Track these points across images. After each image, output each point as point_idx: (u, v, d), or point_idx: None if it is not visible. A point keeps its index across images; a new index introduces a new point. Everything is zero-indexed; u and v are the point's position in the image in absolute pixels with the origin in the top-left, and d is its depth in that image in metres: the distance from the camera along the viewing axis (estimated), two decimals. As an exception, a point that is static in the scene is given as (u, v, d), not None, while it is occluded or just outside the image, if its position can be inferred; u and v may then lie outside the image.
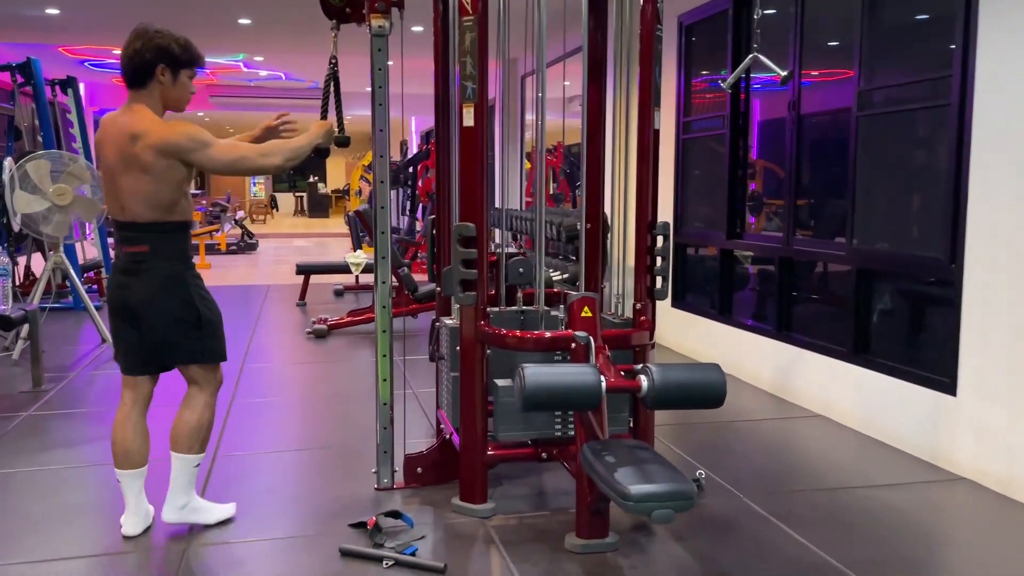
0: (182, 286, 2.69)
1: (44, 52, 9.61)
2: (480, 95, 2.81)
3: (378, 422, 3.19)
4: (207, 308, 2.76)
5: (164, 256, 2.67)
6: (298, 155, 2.82)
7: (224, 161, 2.68)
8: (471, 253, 2.82)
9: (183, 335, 2.72)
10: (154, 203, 2.62)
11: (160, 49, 2.62)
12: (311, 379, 5.26)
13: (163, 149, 2.57)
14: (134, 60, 2.62)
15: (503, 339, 2.81)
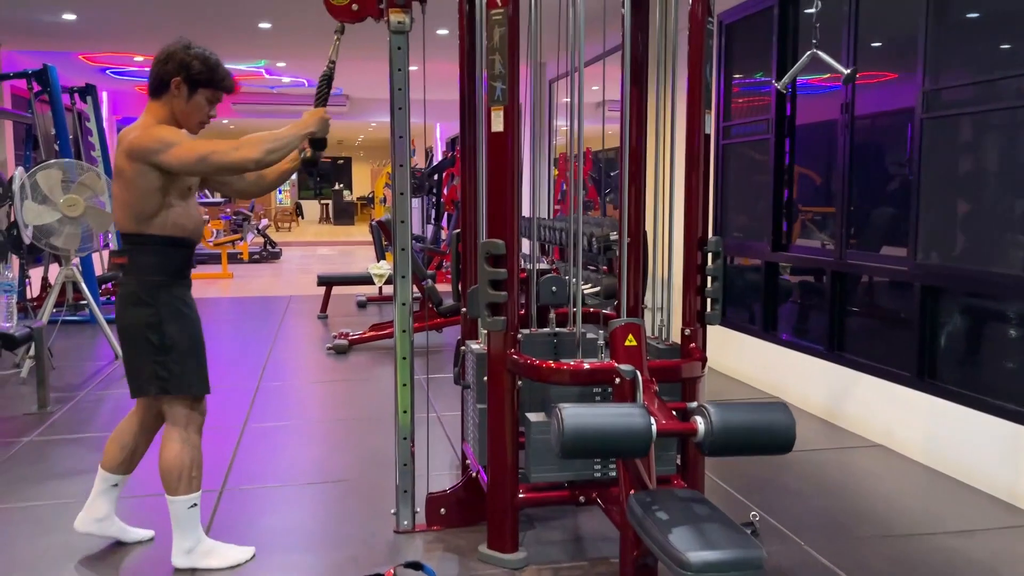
0: (150, 303, 2.46)
1: (65, 60, 9.48)
2: (510, 97, 2.52)
3: (397, 459, 2.90)
4: (178, 331, 2.50)
5: (138, 269, 2.48)
6: (282, 145, 2.51)
7: (189, 160, 2.43)
8: (500, 273, 2.52)
9: (148, 359, 2.49)
10: (130, 212, 2.46)
11: (181, 63, 2.50)
12: (330, 400, 4.98)
13: (131, 152, 2.43)
14: (155, 69, 2.53)
15: (536, 370, 2.50)
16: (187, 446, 2.55)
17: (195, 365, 2.55)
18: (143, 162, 2.43)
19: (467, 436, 3.07)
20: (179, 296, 2.53)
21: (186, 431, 2.57)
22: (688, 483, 2.68)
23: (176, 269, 2.54)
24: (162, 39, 2.54)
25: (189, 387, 2.55)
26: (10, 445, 3.91)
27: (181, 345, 2.51)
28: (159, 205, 2.46)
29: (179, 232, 2.53)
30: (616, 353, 2.41)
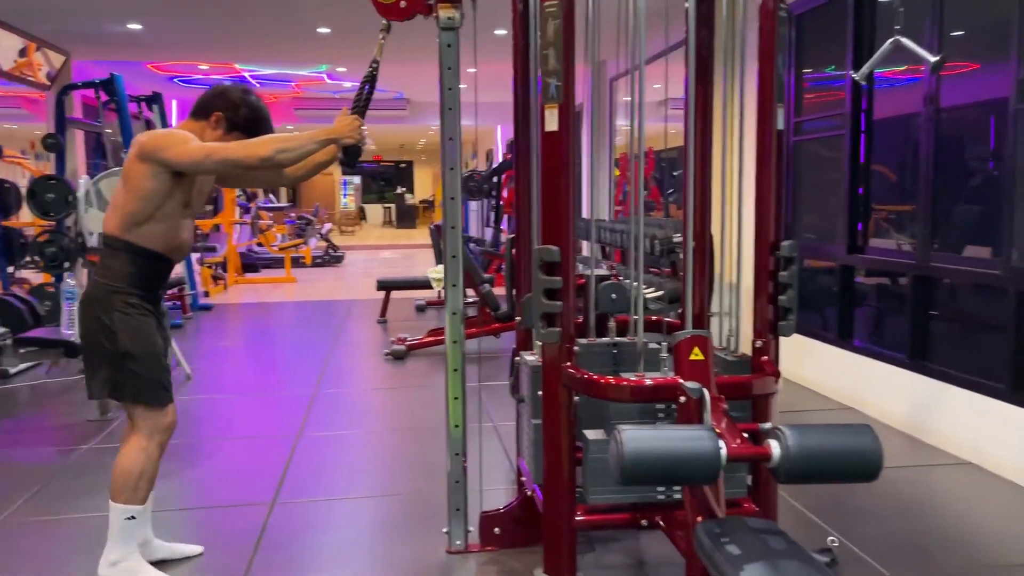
0: (106, 310, 2.41)
1: (133, 69, 9.69)
2: (566, 94, 2.36)
3: (449, 475, 2.77)
4: (130, 339, 2.41)
5: (105, 274, 2.43)
6: (295, 147, 2.40)
7: (197, 155, 2.38)
8: (555, 282, 2.36)
9: (102, 363, 2.45)
10: (120, 215, 2.42)
11: (231, 102, 2.51)
12: (386, 409, 4.90)
13: (141, 152, 2.39)
14: (207, 95, 2.54)
15: (594, 386, 2.34)
16: (143, 455, 2.47)
17: (146, 373, 2.45)
18: (152, 161, 2.38)
19: (522, 451, 2.93)
20: (136, 306, 2.45)
21: (147, 441, 2.48)
22: (760, 507, 2.49)
23: (144, 281, 2.46)
24: (223, 48, 2.52)
25: (140, 394, 2.46)
26: (69, 452, 3.92)
27: (133, 353, 2.42)
28: (150, 214, 2.42)
29: (160, 247, 2.47)
30: (680, 367, 2.24)
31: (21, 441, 4.15)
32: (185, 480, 3.58)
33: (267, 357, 6.53)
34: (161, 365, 2.48)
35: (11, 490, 3.40)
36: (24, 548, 2.90)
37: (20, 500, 3.30)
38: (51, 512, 3.20)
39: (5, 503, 3.26)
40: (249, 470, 3.69)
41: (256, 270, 12.38)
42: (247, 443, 4.14)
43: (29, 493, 3.37)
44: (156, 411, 2.48)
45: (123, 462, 2.46)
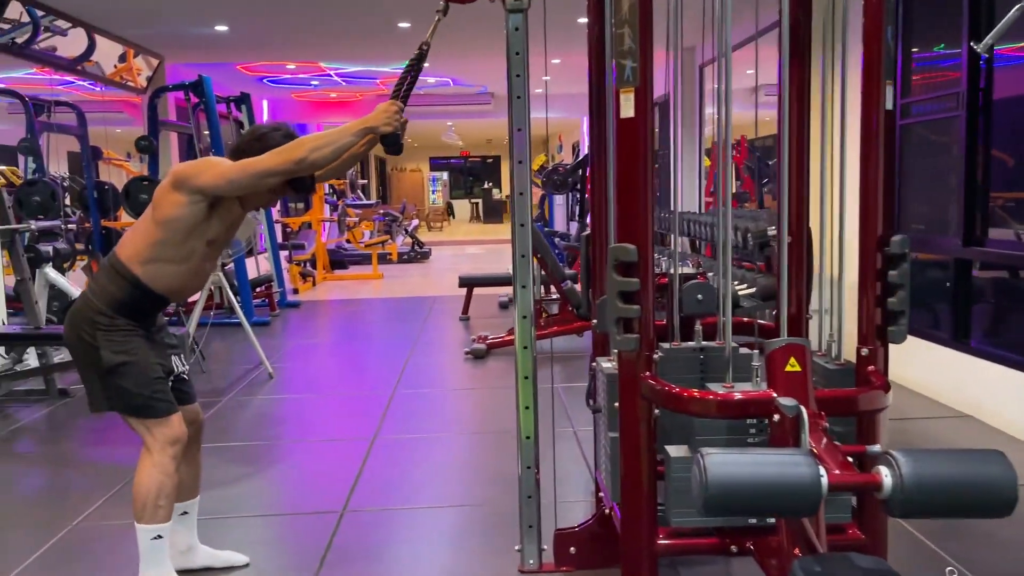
0: (87, 325, 2.33)
1: (224, 71, 9.89)
2: (642, 76, 2.14)
3: (521, 490, 2.59)
4: (113, 354, 2.32)
5: (98, 292, 2.35)
6: (328, 143, 2.26)
7: (232, 173, 2.27)
8: (631, 283, 2.15)
9: (93, 376, 2.37)
10: (140, 241, 2.35)
11: (268, 148, 2.36)
12: (463, 411, 4.76)
13: (175, 180, 2.30)
14: (245, 138, 2.44)
15: (675, 399, 2.12)
16: (156, 471, 2.35)
17: (134, 388, 2.34)
18: (187, 190, 2.29)
19: (599, 465, 2.73)
20: (121, 327, 2.35)
21: (158, 456, 2.36)
22: (866, 534, 2.21)
23: (133, 313, 2.36)
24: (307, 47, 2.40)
25: (133, 408, 2.36)
26: (150, 452, 3.93)
27: (117, 368, 2.32)
28: (170, 253, 2.34)
29: (164, 289, 2.39)
30: (774, 380, 1.99)
31: (103, 440, 4.20)
32: (256, 484, 3.53)
33: (350, 355, 6.51)
34: (149, 378, 2.36)
35: (91, 490, 3.42)
36: (100, 550, 2.89)
37: (99, 501, 3.31)
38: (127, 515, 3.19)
39: (84, 503, 3.27)
40: (322, 475, 3.62)
41: (344, 267, 12.53)
42: (323, 446, 4.08)
43: (108, 494, 3.38)
44: (157, 423, 2.37)
45: (139, 482, 2.37)
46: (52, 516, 3.17)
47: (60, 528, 3.04)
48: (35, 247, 5.76)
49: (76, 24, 7.25)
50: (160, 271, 2.36)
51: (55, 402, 4.91)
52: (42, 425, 4.53)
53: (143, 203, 7.43)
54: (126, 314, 2.36)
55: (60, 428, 4.50)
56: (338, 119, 15.70)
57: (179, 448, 2.42)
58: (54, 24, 7.16)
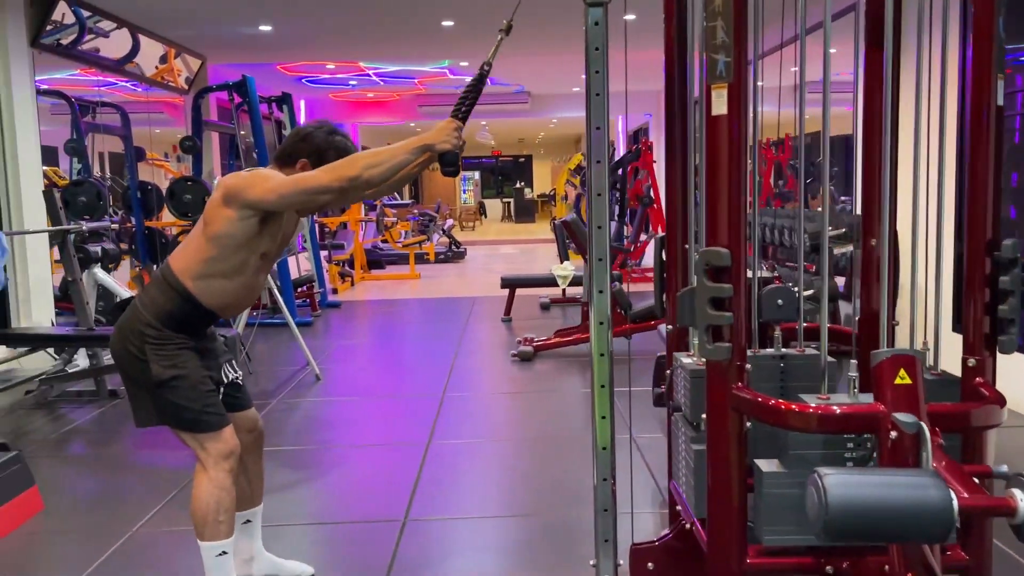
0: (135, 339, 2.26)
1: (264, 71, 9.90)
2: (737, 71, 2.03)
3: (597, 503, 2.49)
4: (163, 368, 2.25)
5: (148, 305, 2.27)
6: (383, 161, 2.17)
7: (284, 189, 2.18)
8: (724, 289, 2.04)
9: (142, 391, 2.30)
10: (193, 257, 2.27)
11: (317, 147, 2.32)
12: (515, 415, 4.67)
13: (227, 195, 2.22)
14: (290, 141, 2.37)
15: (772, 412, 2.00)
16: (212, 486, 2.28)
17: (185, 402, 2.26)
18: (237, 204, 2.20)
19: (676, 476, 2.62)
20: (169, 340, 2.27)
21: (213, 470, 2.28)
22: (970, 556, 2.09)
23: (182, 327, 2.28)
24: (349, 46, 2.33)
25: (183, 422, 2.28)
26: (203, 456, 3.89)
27: (167, 382, 2.25)
28: (224, 269, 2.26)
29: (216, 305, 2.31)
30: (882, 393, 1.87)
31: (154, 443, 4.17)
32: (313, 491, 3.47)
33: (394, 356, 6.45)
34: (200, 392, 2.29)
35: (147, 496, 3.38)
36: (161, 559, 2.84)
37: (156, 507, 3.27)
38: (185, 522, 3.14)
39: (141, 510, 3.23)
40: (379, 482, 3.55)
41: (381, 266, 12.51)
42: (377, 451, 4.01)
43: (164, 500, 3.34)
44: (209, 438, 2.29)
45: (196, 498, 2.30)
46: (109, 523, 3.13)
47: (118, 536, 3.00)
48: (84, 247, 5.77)
49: (122, 25, 7.27)
50: (212, 286, 2.29)
51: (105, 403, 4.90)
52: (93, 427, 4.51)
53: (187, 204, 7.43)
54: (175, 327, 2.28)
55: (111, 430, 4.48)
56: (374, 119, 15.71)
57: (233, 461, 2.35)
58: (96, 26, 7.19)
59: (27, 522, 3.13)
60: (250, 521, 2.57)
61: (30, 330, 4.96)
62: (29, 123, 5.57)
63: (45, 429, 4.43)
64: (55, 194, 4.87)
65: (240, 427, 2.43)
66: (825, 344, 2.20)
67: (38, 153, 5.77)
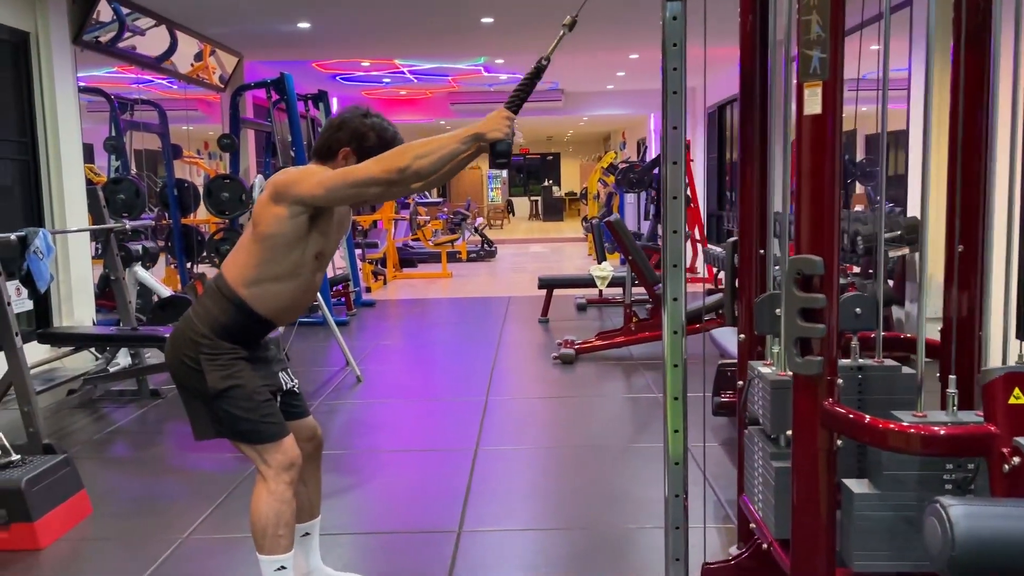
0: (189, 349, 2.19)
1: (299, 68, 9.86)
2: (833, 68, 1.92)
3: (667, 520, 2.39)
4: (220, 379, 2.18)
5: (203, 315, 2.20)
6: (433, 150, 2.06)
7: (334, 182, 2.09)
8: (817, 300, 1.93)
9: (198, 403, 2.24)
10: (245, 262, 2.20)
11: (355, 133, 2.22)
12: (560, 421, 4.56)
13: (275, 192, 2.14)
14: (326, 134, 2.27)
15: (869, 432, 1.89)
16: (272, 499, 2.19)
17: (242, 413, 2.18)
18: (286, 201, 2.11)
19: (750, 492, 2.51)
20: (225, 351, 2.20)
21: (273, 483, 2.20)
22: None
23: (235, 338, 2.20)
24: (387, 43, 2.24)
25: (242, 433, 2.20)
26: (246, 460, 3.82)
27: (224, 392, 2.18)
28: (277, 272, 2.18)
29: (271, 312, 2.23)
30: (993, 413, 1.75)
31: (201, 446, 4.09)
32: (363, 498, 3.39)
33: (434, 357, 6.37)
34: (257, 402, 2.21)
35: (195, 501, 3.33)
36: (212, 567, 2.78)
37: (204, 514, 3.20)
38: (235, 529, 3.07)
39: (190, 516, 3.17)
40: (430, 489, 3.46)
41: (413, 265, 12.46)
42: (424, 456, 3.93)
43: (212, 506, 3.28)
44: (269, 449, 2.21)
45: (255, 511, 2.22)
46: (158, 529, 3.07)
47: (169, 543, 2.94)
48: (126, 246, 5.75)
49: (160, 22, 7.25)
50: (266, 292, 2.20)
51: (148, 403, 4.87)
52: (136, 427, 4.47)
53: (224, 202, 7.41)
54: (229, 338, 2.21)
55: (154, 431, 4.45)
56: (406, 117, 15.67)
57: (294, 472, 2.26)
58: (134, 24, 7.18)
59: (76, 527, 3.08)
60: (308, 534, 2.49)
61: (74, 329, 4.94)
62: (72, 121, 5.56)
63: (88, 429, 4.40)
64: (99, 192, 4.84)
65: (298, 436, 2.35)
66: (922, 356, 2.08)
67: (80, 151, 5.75)
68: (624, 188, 11.01)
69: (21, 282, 4.07)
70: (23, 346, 3.83)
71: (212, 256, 7.64)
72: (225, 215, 7.51)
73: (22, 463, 3.01)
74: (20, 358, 3.80)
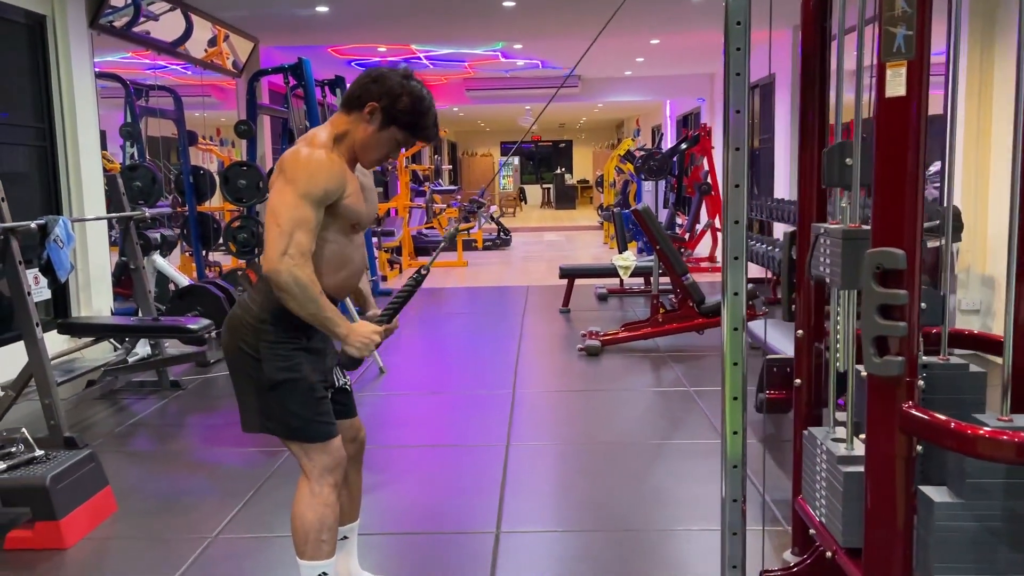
0: (249, 336, 2.08)
1: (314, 54, 9.72)
2: (918, 46, 1.78)
3: (725, 525, 2.27)
4: (277, 370, 2.07)
5: (255, 299, 2.11)
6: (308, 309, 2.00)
7: (271, 203, 2.02)
8: (899, 296, 1.80)
9: (251, 394, 2.13)
10: None
11: (389, 90, 2.07)
12: (590, 415, 4.43)
13: (281, 175, 2.04)
14: (359, 82, 2.12)
15: (957, 438, 1.76)
16: (316, 501, 2.09)
17: (296, 408, 2.08)
18: None
19: (811, 496, 2.38)
20: (285, 340, 2.09)
21: (318, 486, 2.10)
22: None
23: (297, 321, 2.06)
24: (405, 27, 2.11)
25: (292, 431, 2.10)
26: (273, 455, 3.72)
27: (280, 385, 2.07)
28: (315, 251, 2.06)
29: (326, 286, 2.08)
30: (1097, 420, 1.62)
31: (225, 440, 4.02)
32: (394, 497, 3.28)
33: (456, 348, 6.26)
34: (313, 398, 2.11)
35: (222, 498, 3.24)
36: (244, 568, 2.68)
37: (232, 511, 3.11)
38: (265, 528, 2.98)
39: (217, 514, 3.08)
40: (464, 488, 3.35)
41: (428, 253, 12.34)
42: (455, 453, 3.81)
43: (240, 503, 3.18)
44: (317, 448, 2.11)
45: (298, 514, 2.12)
46: (186, 527, 2.98)
47: (198, 542, 2.85)
48: (144, 234, 5.65)
49: (176, 5, 7.13)
50: (316, 270, 2.07)
51: (168, 394, 4.78)
52: (157, 419, 4.39)
53: (241, 188, 7.29)
54: (289, 324, 2.09)
55: (176, 423, 4.36)
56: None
57: (339, 474, 2.16)
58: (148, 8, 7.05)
59: (101, 525, 2.99)
60: (347, 537, 2.39)
61: (95, 320, 4.85)
62: (89, 107, 5.45)
63: (109, 422, 4.31)
64: (118, 180, 4.73)
65: (343, 436, 2.24)
66: (1009, 354, 1.95)
67: (97, 137, 5.65)
68: (643, 176, 10.83)
69: (41, 271, 3.97)
70: (44, 336, 3.74)
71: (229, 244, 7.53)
72: (242, 202, 7.40)
73: (46, 459, 2.92)
74: (41, 349, 3.71)
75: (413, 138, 2.14)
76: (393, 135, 2.10)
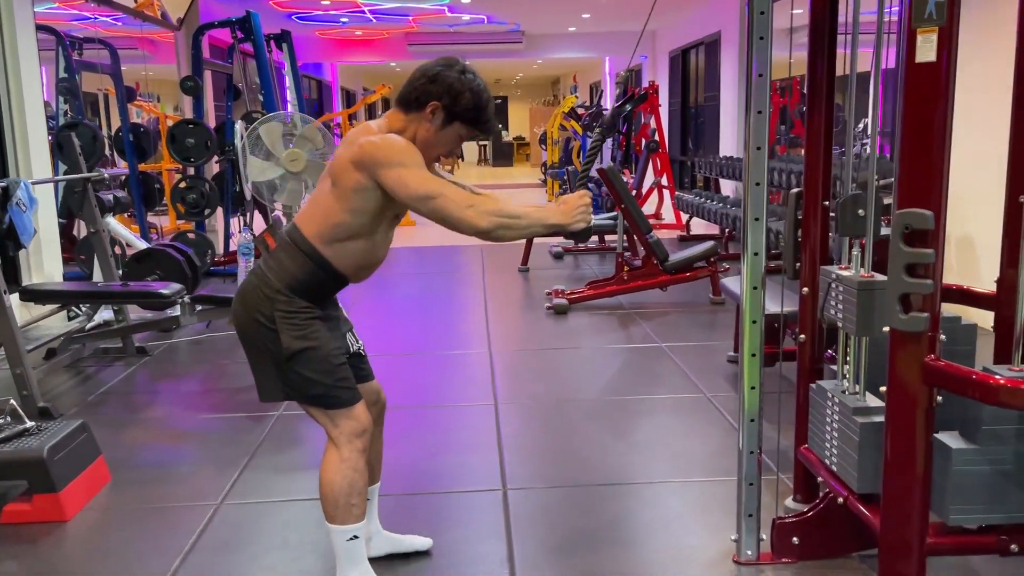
0: (264, 306, 2.08)
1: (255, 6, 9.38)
2: (950, 13, 1.85)
3: (742, 475, 2.37)
4: (294, 339, 2.07)
5: (277, 271, 2.09)
6: (517, 228, 2.04)
7: (413, 191, 1.99)
8: (926, 255, 1.89)
9: (268, 364, 2.13)
10: (323, 220, 2.08)
11: (450, 89, 2.09)
12: (571, 372, 4.48)
13: (359, 159, 2.02)
14: (417, 83, 2.12)
15: (980, 387, 1.87)
16: (344, 467, 2.12)
17: (317, 376, 2.09)
18: (369, 174, 2.00)
19: (817, 445, 2.49)
20: (300, 309, 2.09)
21: (345, 449, 2.13)
22: None
23: (312, 294, 2.10)
24: None
25: (314, 397, 2.12)
26: (261, 420, 3.69)
27: (298, 354, 2.08)
28: (356, 231, 2.08)
29: (350, 269, 2.13)
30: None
31: (204, 406, 3.96)
32: (396, 457, 3.28)
33: (422, 310, 6.22)
34: (333, 365, 2.11)
35: (221, 465, 3.20)
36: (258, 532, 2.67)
37: (232, 477, 3.09)
38: (268, 494, 2.96)
39: (219, 481, 3.05)
40: (462, 447, 3.39)
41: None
42: (446, 412, 3.83)
43: (239, 470, 3.15)
44: (341, 414, 2.12)
45: (327, 480, 2.13)
46: (188, 495, 2.95)
47: (205, 509, 2.82)
48: (98, 196, 5.42)
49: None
50: (346, 249, 2.10)
51: (135, 361, 4.66)
52: (127, 387, 4.27)
53: (189, 147, 7.06)
54: (305, 295, 2.09)
55: (148, 390, 4.26)
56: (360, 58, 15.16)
57: (366, 439, 2.17)
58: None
59: (98, 496, 2.92)
60: (369, 500, 2.40)
61: (61, 286, 4.65)
62: (31, 60, 5.15)
63: (79, 391, 4.18)
64: (74, 138, 4.52)
65: (365, 400, 2.24)
66: (1021, 309, 2.07)
67: (40, 95, 5.37)
68: (589, 134, 10.87)
69: (2, 236, 3.80)
70: (12, 304, 3.59)
71: (177, 205, 7.29)
72: (191, 161, 7.17)
73: (38, 430, 2.83)
74: (10, 316, 3.57)
75: (475, 131, 2.15)
76: (456, 131, 2.12)
